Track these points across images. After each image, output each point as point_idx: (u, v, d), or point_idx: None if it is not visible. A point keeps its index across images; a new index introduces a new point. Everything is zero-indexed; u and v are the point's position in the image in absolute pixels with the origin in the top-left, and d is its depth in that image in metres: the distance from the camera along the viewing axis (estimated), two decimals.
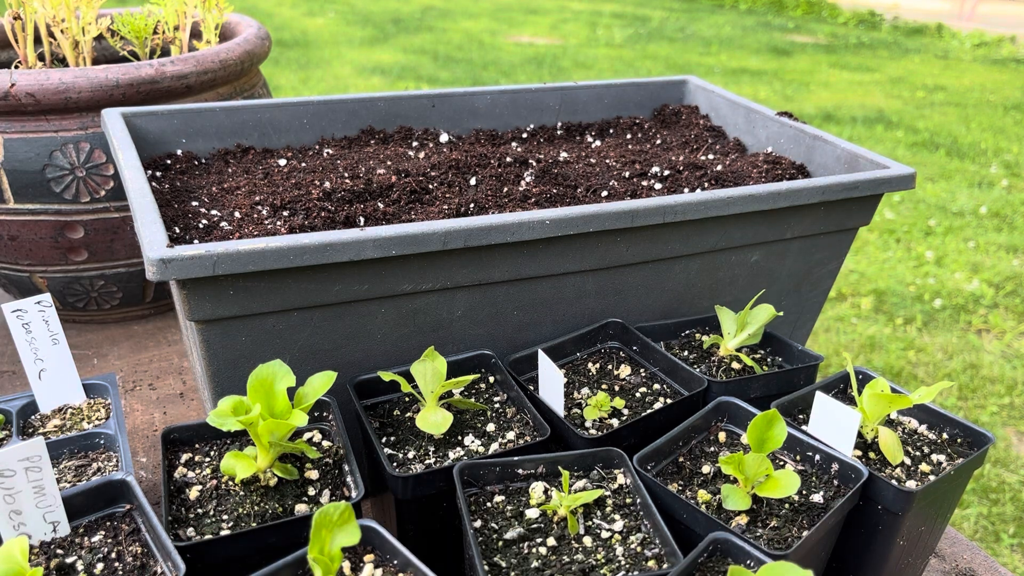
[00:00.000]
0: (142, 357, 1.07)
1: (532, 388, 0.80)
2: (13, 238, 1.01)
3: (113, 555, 0.59)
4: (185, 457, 0.71)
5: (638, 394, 0.81)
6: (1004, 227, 3.12)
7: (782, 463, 0.72)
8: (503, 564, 0.60)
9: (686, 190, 0.96)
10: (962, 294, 2.77)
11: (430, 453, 0.72)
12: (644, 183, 0.98)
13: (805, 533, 0.63)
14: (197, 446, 0.72)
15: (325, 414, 0.75)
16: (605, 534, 0.63)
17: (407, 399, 0.79)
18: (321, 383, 0.68)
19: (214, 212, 0.87)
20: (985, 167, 3.09)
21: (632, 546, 0.62)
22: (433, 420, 0.72)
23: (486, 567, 0.59)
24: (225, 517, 0.64)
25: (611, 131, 1.22)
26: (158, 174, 0.96)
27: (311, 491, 0.67)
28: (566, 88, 1.22)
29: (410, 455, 0.72)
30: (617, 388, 0.82)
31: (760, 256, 0.94)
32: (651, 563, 0.60)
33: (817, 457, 0.71)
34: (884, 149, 3.20)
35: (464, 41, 4.59)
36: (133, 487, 0.63)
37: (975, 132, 3.41)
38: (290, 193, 0.89)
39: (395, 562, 0.58)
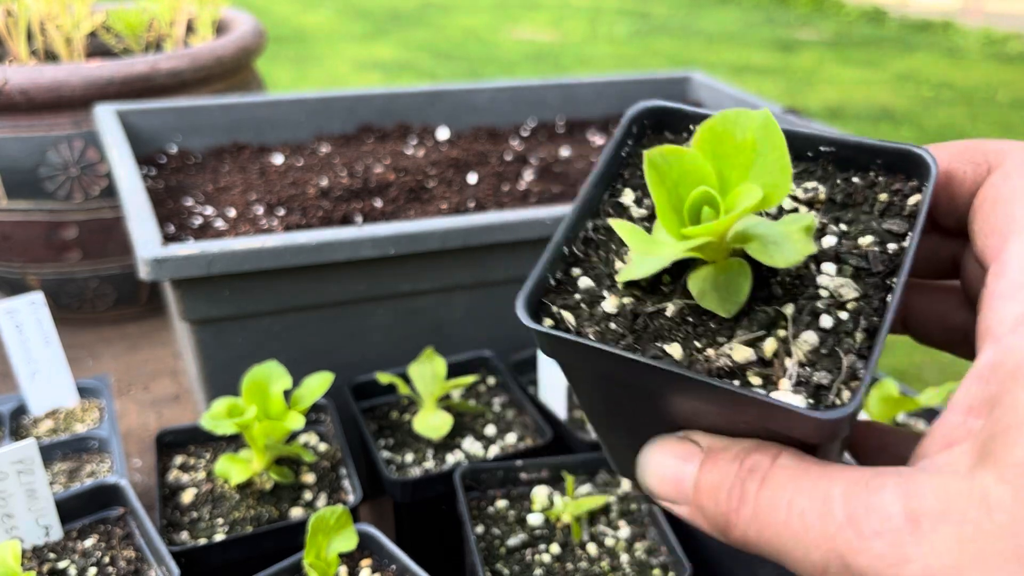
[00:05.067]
0: (137, 358, 1.06)
1: (533, 390, 0.79)
2: (6, 238, 1.00)
3: (107, 560, 0.58)
4: (179, 460, 0.70)
5: None
6: None
7: None
8: (506, 572, 0.58)
9: None
10: None
11: (429, 456, 0.71)
12: None
13: None
14: (191, 449, 0.71)
15: (322, 416, 0.74)
16: (610, 541, 0.61)
17: (405, 401, 0.78)
18: (318, 385, 0.67)
19: (209, 210, 0.85)
20: None
21: (638, 554, 0.60)
22: (432, 423, 0.70)
23: (488, 574, 0.58)
24: (220, 521, 0.63)
25: (613, 128, 1.21)
26: (152, 171, 0.95)
27: (307, 495, 0.66)
28: (567, 84, 1.21)
29: (408, 458, 0.70)
30: None
31: None
32: (657, 572, 0.59)
33: None
34: None
35: (463, 37, 4.57)
36: (127, 490, 0.62)
37: (982, 130, 3.39)
38: (286, 191, 0.88)
39: (393, 567, 0.57)
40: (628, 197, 0.33)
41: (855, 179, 0.32)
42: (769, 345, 0.27)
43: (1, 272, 1.05)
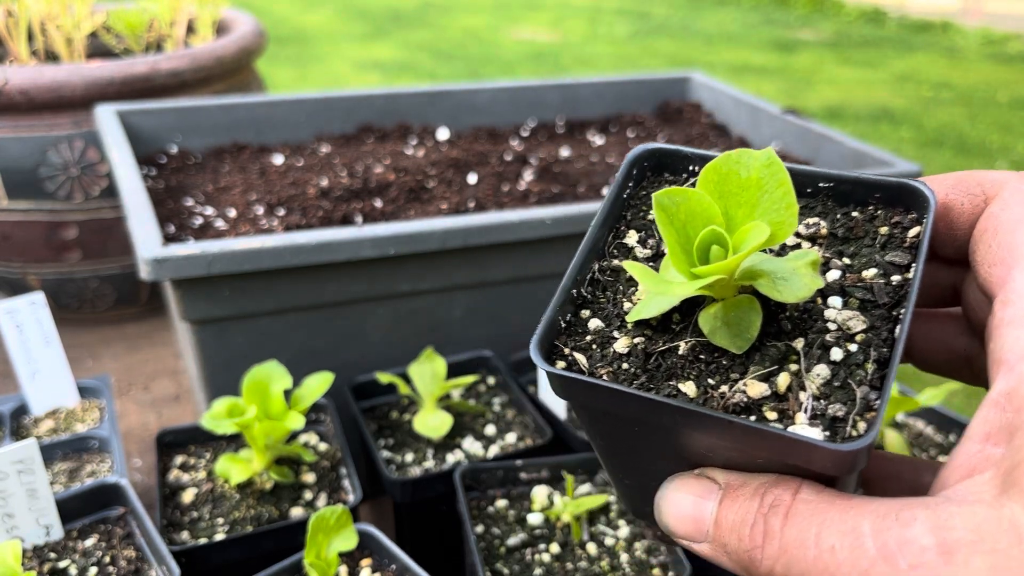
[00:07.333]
0: (137, 358, 1.06)
1: (533, 390, 0.79)
2: (6, 238, 1.00)
3: (107, 559, 0.58)
4: (180, 460, 0.70)
5: None
6: None
7: None
8: (505, 571, 0.58)
9: None
10: None
11: (429, 456, 0.71)
12: None
13: None
14: (192, 448, 0.71)
15: (322, 416, 0.74)
16: (609, 541, 0.62)
17: (405, 401, 0.78)
18: (318, 385, 0.67)
19: (209, 210, 0.86)
20: (992, 165, 3.07)
21: (637, 553, 0.60)
22: (432, 423, 0.70)
23: (488, 574, 0.58)
24: (220, 521, 0.63)
25: (613, 128, 1.21)
26: (152, 171, 0.95)
27: (308, 495, 0.66)
28: (567, 84, 1.21)
29: (408, 458, 0.71)
30: None
31: None
32: (656, 571, 0.59)
33: None
34: (889, 147, 3.17)
35: (463, 37, 4.58)
36: (127, 490, 0.62)
37: (982, 130, 3.39)
38: (286, 191, 0.88)
39: (393, 567, 0.57)
40: (632, 238, 0.34)
41: (855, 213, 0.33)
42: (782, 379, 0.27)
43: (1, 272, 1.05)
